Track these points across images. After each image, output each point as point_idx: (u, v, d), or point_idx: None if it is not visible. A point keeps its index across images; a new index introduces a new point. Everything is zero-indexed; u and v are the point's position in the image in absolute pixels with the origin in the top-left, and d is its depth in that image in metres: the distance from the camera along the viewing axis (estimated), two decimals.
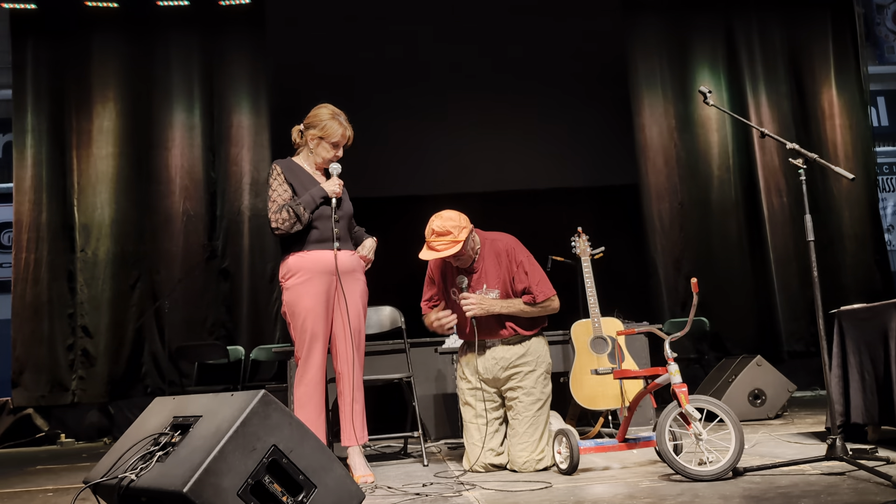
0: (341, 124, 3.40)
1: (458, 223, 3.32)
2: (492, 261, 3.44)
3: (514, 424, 3.35)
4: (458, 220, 3.34)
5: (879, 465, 2.63)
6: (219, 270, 6.91)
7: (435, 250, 3.32)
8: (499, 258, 3.44)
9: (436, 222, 3.34)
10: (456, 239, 3.29)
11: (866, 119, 7.53)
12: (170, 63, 7.10)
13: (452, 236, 3.30)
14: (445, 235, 3.30)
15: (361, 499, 2.18)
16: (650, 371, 3.08)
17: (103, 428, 6.58)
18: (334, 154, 3.41)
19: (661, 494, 2.53)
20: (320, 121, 3.39)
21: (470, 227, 3.36)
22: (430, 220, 3.38)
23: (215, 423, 2.12)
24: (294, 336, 3.31)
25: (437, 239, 3.32)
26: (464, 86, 6.78)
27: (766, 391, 4.77)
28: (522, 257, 3.43)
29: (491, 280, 3.42)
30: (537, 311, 3.41)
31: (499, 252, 3.44)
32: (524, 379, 3.38)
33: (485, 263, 3.45)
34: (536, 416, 3.34)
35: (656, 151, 7.24)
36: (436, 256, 3.32)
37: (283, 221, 3.25)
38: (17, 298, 6.72)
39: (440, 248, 3.31)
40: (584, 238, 4.23)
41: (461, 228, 3.31)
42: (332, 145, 3.39)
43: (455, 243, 3.29)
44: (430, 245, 3.34)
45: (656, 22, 7.40)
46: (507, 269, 3.41)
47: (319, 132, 3.39)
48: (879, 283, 7.23)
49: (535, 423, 3.32)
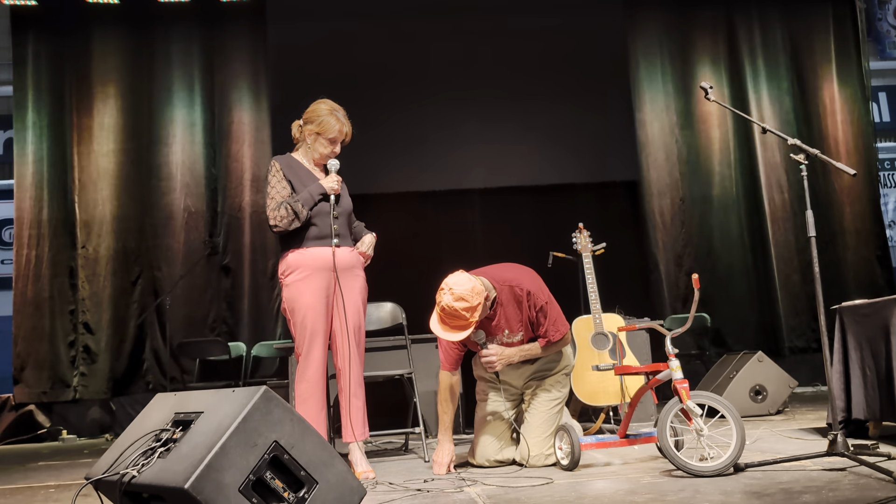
0: (339, 120, 3.38)
1: (471, 303, 3.02)
2: (512, 308, 3.30)
3: (529, 418, 3.35)
4: (471, 299, 3.03)
5: (881, 461, 2.63)
6: (220, 267, 6.91)
7: (446, 328, 3.09)
8: (519, 304, 3.30)
9: (446, 299, 3.04)
10: (468, 322, 3.05)
11: (868, 114, 7.51)
12: (170, 59, 7.09)
13: (464, 321, 3.04)
14: (456, 320, 3.05)
15: (363, 495, 2.19)
16: (651, 367, 3.08)
17: (105, 424, 6.60)
18: (331, 150, 3.39)
19: (663, 490, 2.53)
20: (318, 116, 3.38)
21: (482, 300, 3.07)
22: (440, 289, 3.09)
23: (217, 420, 2.12)
24: (294, 333, 3.31)
25: (449, 319, 3.07)
26: (464, 82, 6.76)
27: (767, 387, 4.77)
28: (542, 301, 3.27)
29: (513, 324, 3.32)
30: (553, 350, 3.39)
31: (519, 299, 3.29)
32: (545, 378, 3.41)
33: (504, 310, 3.30)
34: (552, 413, 3.36)
35: (657, 147, 7.23)
36: (448, 338, 3.11)
37: (281, 219, 3.25)
38: (19, 295, 6.73)
39: (450, 330, 3.08)
40: (586, 234, 4.23)
41: (473, 310, 3.04)
42: (328, 141, 3.38)
43: (467, 327, 3.06)
44: (442, 320, 3.10)
45: (657, 17, 7.39)
46: (527, 314, 3.30)
47: (316, 128, 3.37)
48: (881, 279, 7.23)
49: (551, 419, 3.34)
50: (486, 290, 3.14)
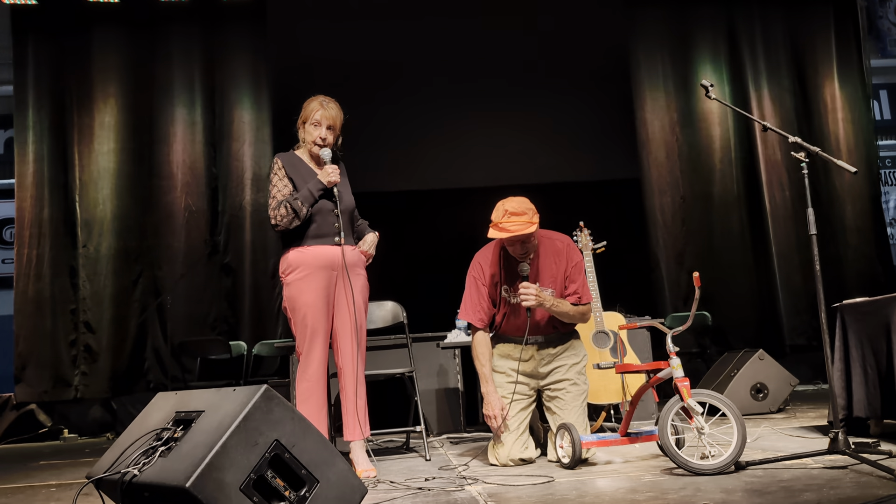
0: (321, 105, 3.38)
1: (532, 206, 3.27)
2: (549, 259, 3.38)
3: (563, 416, 3.34)
4: (530, 204, 3.28)
5: (882, 459, 2.63)
6: (221, 266, 6.91)
7: (508, 231, 3.20)
8: (557, 257, 3.38)
9: (509, 204, 3.25)
10: (531, 220, 3.22)
11: (868, 113, 7.51)
12: (171, 58, 7.09)
13: (528, 217, 3.21)
14: (521, 216, 3.21)
15: (364, 493, 2.19)
16: (652, 365, 3.08)
17: (106, 423, 6.60)
18: (317, 134, 3.37)
19: (664, 488, 2.53)
20: (304, 108, 3.43)
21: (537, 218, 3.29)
22: (498, 204, 3.30)
23: (218, 418, 2.12)
24: (295, 331, 3.31)
25: (512, 219, 3.20)
26: (465, 80, 6.75)
27: (768, 385, 4.77)
28: (578, 258, 3.40)
29: (545, 279, 3.37)
30: (578, 314, 3.38)
31: (558, 251, 3.38)
32: (569, 371, 3.40)
33: (540, 261, 3.38)
34: (582, 406, 3.38)
35: (658, 145, 7.23)
36: (512, 235, 3.19)
37: (281, 218, 3.25)
38: (20, 294, 6.73)
39: (515, 228, 3.18)
40: (586, 232, 4.23)
41: (534, 212, 3.26)
42: (312, 125, 3.38)
43: (531, 224, 3.20)
44: (503, 227, 3.21)
45: (658, 15, 7.38)
46: (563, 268, 3.37)
47: (302, 117, 3.44)
48: (882, 277, 7.22)
49: (582, 412, 3.37)
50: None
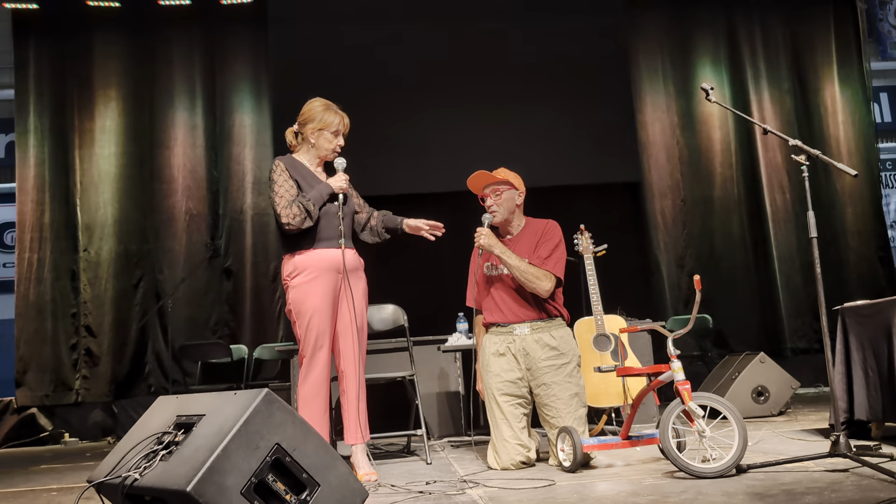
0: (337, 112, 3.41)
1: (515, 175, 3.56)
2: (528, 237, 3.52)
3: (556, 424, 3.28)
4: (513, 174, 3.56)
5: (883, 462, 2.62)
6: (222, 269, 6.92)
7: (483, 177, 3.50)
8: (535, 234, 3.50)
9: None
10: (506, 178, 3.50)
11: (869, 115, 7.52)
12: (171, 62, 7.11)
13: (503, 174, 3.52)
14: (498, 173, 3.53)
15: (365, 497, 2.18)
16: (653, 368, 3.08)
17: (107, 427, 6.60)
18: (336, 144, 3.40)
19: (665, 492, 2.52)
20: (316, 114, 3.39)
21: (522, 189, 3.55)
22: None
23: (218, 422, 2.12)
24: (299, 335, 3.29)
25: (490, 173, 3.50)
26: (465, 84, 6.75)
27: (769, 388, 4.76)
28: (555, 235, 3.50)
29: (521, 251, 3.46)
30: (531, 273, 3.35)
31: (537, 230, 3.52)
32: (557, 373, 3.33)
33: (520, 237, 3.53)
34: (577, 410, 3.31)
35: (658, 148, 7.23)
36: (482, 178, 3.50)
37: (294, 217, 3.22)
38: (21, 298, 6.74)
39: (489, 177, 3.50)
40: (587, 236, 4.23)
41: (516, 177, 3.54)
42: (333, 134, 3.39)
43: (504, 181, 3.49)
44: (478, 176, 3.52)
45: (658, 18, 7.40)
46: (537, 240, 3.47)
47: (318, 124, 3.38)
48: (883, 280, 7.23)
49: (580, 418, 3.30)
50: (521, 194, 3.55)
